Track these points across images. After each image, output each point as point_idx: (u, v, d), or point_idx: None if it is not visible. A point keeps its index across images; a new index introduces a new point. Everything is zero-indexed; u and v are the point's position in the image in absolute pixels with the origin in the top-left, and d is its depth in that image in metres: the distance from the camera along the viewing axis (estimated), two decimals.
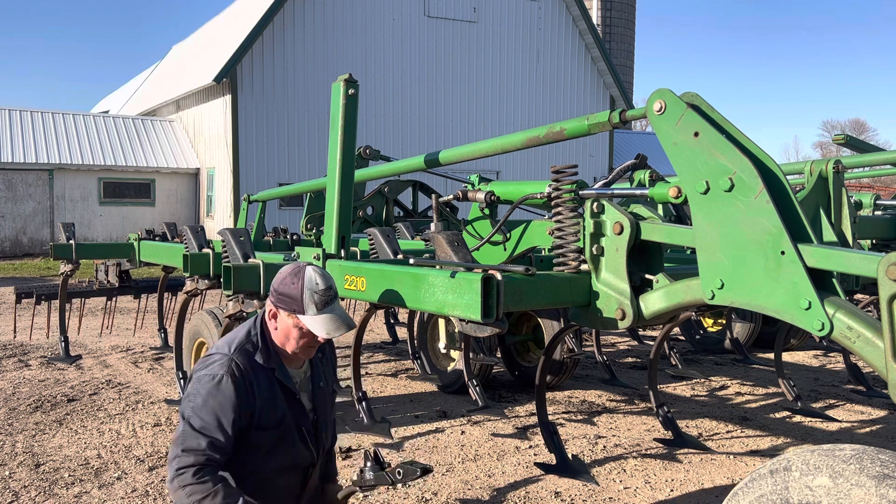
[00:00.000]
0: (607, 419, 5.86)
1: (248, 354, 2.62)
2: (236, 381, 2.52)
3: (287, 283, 2.61)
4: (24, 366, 7.59)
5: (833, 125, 70.28)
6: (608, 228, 3.10)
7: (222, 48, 23.06)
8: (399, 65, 23.46)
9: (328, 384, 2.87)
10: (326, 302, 2.59)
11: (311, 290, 2.57)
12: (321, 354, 2.86)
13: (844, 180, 3.91)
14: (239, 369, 2.55)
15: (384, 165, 5.31)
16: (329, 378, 2.89)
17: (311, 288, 2.57)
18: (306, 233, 6.77)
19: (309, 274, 2.61)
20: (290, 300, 2.58)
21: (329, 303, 2.60)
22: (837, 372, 7.56)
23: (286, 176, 21.71)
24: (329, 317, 2.59)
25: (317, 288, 2.58)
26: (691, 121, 2.66)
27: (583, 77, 26.30)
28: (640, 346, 8.90)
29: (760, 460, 4.93)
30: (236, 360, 2.56)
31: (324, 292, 2.58)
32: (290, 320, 2.60)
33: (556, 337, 4.51)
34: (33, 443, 5.17)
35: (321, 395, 2.81)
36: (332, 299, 2.61)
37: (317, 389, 2.80)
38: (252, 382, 2.57)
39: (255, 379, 2.59)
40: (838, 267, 2.36)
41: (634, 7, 38.06)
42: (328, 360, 2.93)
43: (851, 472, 1.79)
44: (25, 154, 21.87)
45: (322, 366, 2.85)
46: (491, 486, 4.45)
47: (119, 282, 7.35)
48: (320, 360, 2.86)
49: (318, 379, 2.81)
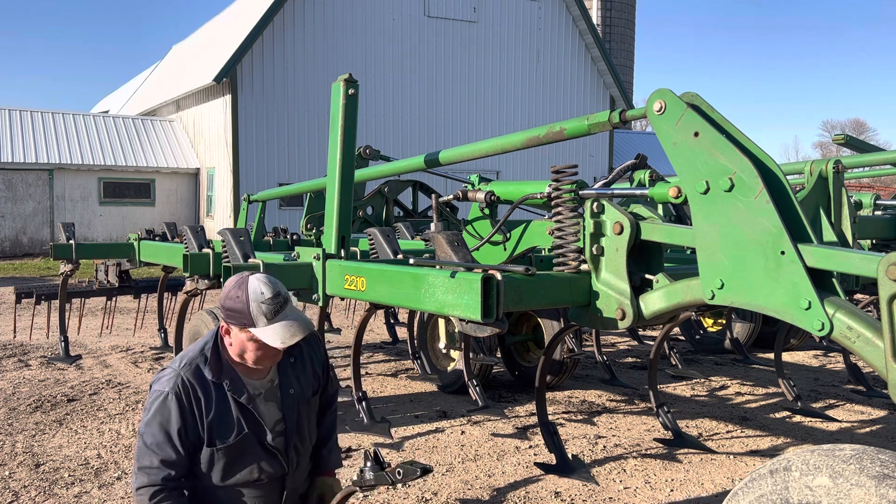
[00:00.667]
0: (607, 419, 5.85)
1: (198, 369, 2.57)
2: (180, 398, 2.51)
3: (232, 298, 2.51)
4: (24, 366, 7.59)
5: (833, 125, 70.31)
6: (608, 228, 3.10)
7: (222, 48, 23.06)
8: (399, 65, 23.46)
9: (303, 388, 2.73)
10: (276, 310, 2.47)
11: (258, 301, 2.47)
12: (293, 359, 2.74)
13: (844, 180, 3.91)
14: (184, 386, 2.52)
15: (384, 165, 5.31)
16: (305, 382, 2.76)
17: (257, 299, 2.47)
18: (306, 233, 6.77)
19: (252, 285, 2.50)
20: (238, 315, 2.49)
21: (279, 310, 2.48)
22: (837, 372, 7.56)
23: (286, 176, 21.71)
24: (282, 325, 2.47)
25: (263, 298, 2.47)
26: (691, 121, 2.66)
27: (583, 77, 26.30)
28: (640, 346, 8.90)
29: (760, 460, 4.93)
30: (183, 377, 2.54)
31: (271, 301, 2.47)
32: (244, 335, 2.51)
33: (556, 337, 4.51)
34: (33, 443, 5.17)
35: (291, 402, 2.69)
36: (281, 306, 2.49)
37: (286, 398, 2.68)
38: (199, 398, 2.54)
39: (204, 394, 2.55)
40: (838, 267, 2.36)
41: (634, 7, 38.07)
42: (306, 362, 2.79)
43: (851, 472, 1.79)
44: (25, 154, 21.88)
45: (295, 370, 2.73)
46: (491, 486, 4.45)
47: (119, 282, 7.35)
48: (292, 364, 2.74)
49: (287, 387, 2.69)
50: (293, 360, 2.74)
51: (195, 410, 2.53)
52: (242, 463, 2.63)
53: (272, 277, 2.56)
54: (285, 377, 2.69)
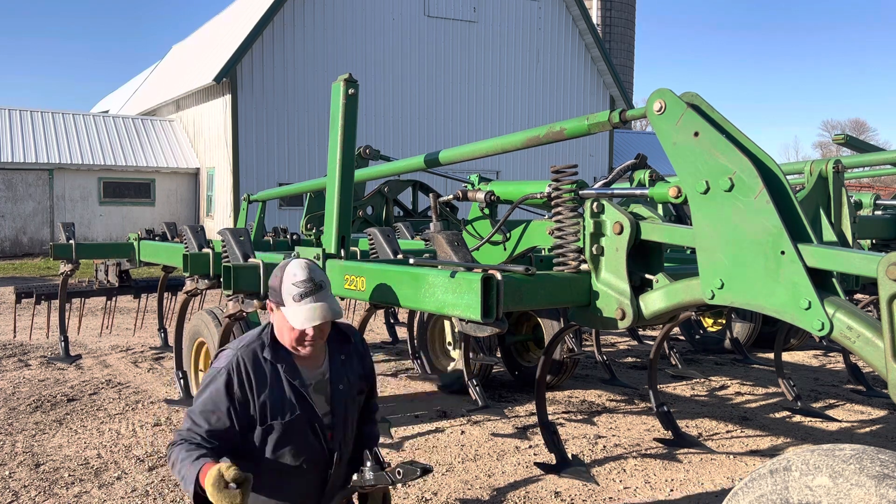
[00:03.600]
0: (607, 419, 5.85)
1: (255, 351, 2.68)
2: (230, 376, 2.61)
3: (273, 277, 2.67)
4: (24, 366, 7.59)
5: (833, 125, 70.29)
6: (608, 228, 3.10)
7: (222, 48, 23.06)
8: (399, 65, 23.46)
9: (351, 386, 2.83)
10: (305, 293, 2.57)
11: (290, 281, 2.59)
12: (343, 357, 2.83)
13: (844, 180, 3.91)
14: (239, 366, 2.63)
15: (384, 165, 5.31)
16: (353, 381, 2.85)
17: (290, 280, 2.59)
18: (306, 233, 6.77)
19: (291, 266, 2.64)
20: (274, 292, 2.64)
21: (308, 294, 2.57)
22: (837, 372, 7.56)
23: (286, 176, 21.70)
24: (306, 307, 2.56)
25: (295, 279, 2.59)
26: (691, 121, 2.66)
27: (583, 77, 26.30)
28: (640, 346, 8.90)
29: (760, 460, 4.93)
30: (240, 356, 2.65)
31: (302, 283, 2.58)
32: (278, 313, 2.64)
33: (556, 337, 4.51)
34: (33, 443, 5.17)
35: (339, 396, 2.78)
36: (311, 291, 2.58)
37: (335, 392, 2.77)
38: (252, 378, 2.63)
39: (259, 375, 2.65)
40: (838, 267, 2.36)
41: (634, 7, 38.06)
42: (354, 365, 2.88)
43: (851, 471, 1.79)
44: (25, 154, 21.87)
45: (345, 368, 2.82)
46: (491, 485, 4.45)
47: (119, 282, 7.35)
48: (343, 361, 2.83)
49: (337, 382, 2.78)
50: (343, 357, 2.83)
51: (248, 389, 2.63)
52: (293, 445, 2.71)
53: (314, 264, 2.67)
54: (336, 373, 2.79)
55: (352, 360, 2.87)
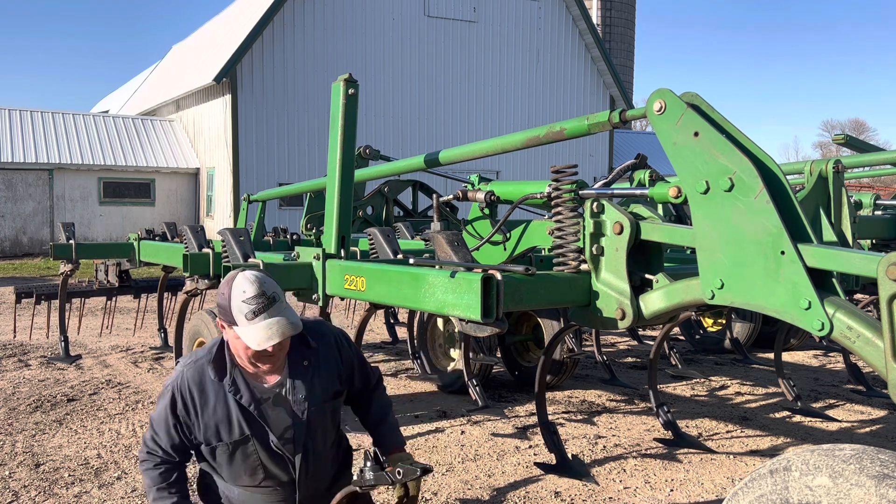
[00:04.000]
0: (607, 419, 5.85)
1: (202, 369, 2.58)
2: (174, 397, 2.58)
3: (219, 293, 2.46)
4: (24, 366, 7.59)
5: (833, 125, 70.32)
6: (608, 228, 3.10)
7: (222, 48, 23.06)
8: (399, 65, 23.46)
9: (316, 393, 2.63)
10: (258, 310, 2.38)
11: (239, 298, 2.40)
12: (306, 362, 2.63)
13: (844, 180, 3.91)
14: (182, 385, 2.57)
15: (384, 165, 5.31)
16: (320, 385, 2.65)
17: (239, 297, 2.40)
18: (306, 233, 6.77)
19: (237, 281, 2.43)
20: (223, 311, 2.45)
21: (261, 310, 2.38)
22: (837, 372, 7.56)
23: (286, 176, 21.70)
24: (262, 325, 2.37)
25: (244, 296, 2.40)
26: (691, 121, 2.66)
27: (583, 77, 26.30)
28: (640, 346, 8.90)
29: (760, 460, 4.93)
30: (185, 374, 2.59)
31: (252, 299, 2.39)
32: (231, 332, 2.47)
33: (556, 337, 4.51)
34: (33, 443, 5.17)
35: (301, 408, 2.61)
36: (265, 306, 2.39)
37: (296, 404, 2.60)
38: (196, 398, 2.56)
39: (203, 394, 2.56)
40: (838, 267, 2.36)
41: (634, 7, 38.07)
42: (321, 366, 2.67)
43: (851, 471, 1.79)
44: (25, 154, 21.88)
45: (308, 373, 2.63)
46: (491, 485, 4.45)
47: (119, 282, 7.35)
48: (305, 367, 2.63)
49: (297, 392, 2.60)
50: (306, 363, 2.65)
51: (190, 409, 2.57)
52: (246, 464, 2.63)
53: (262, 275, 2.48)
54: (296, 382, 2.62)
55: (319, 364, 2.67)
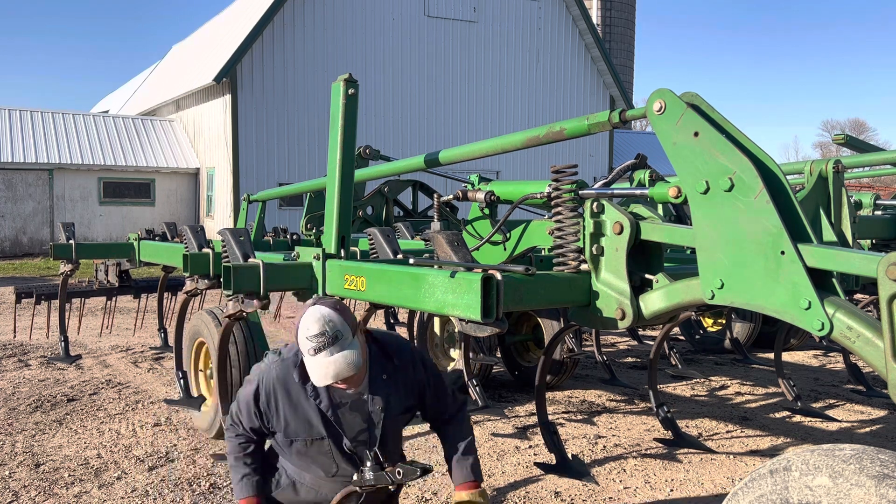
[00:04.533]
0: (607, 419, 5.85)
1: (288, 369, 2.77)
2: (259, 388, 2.78)
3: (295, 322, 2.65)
4: (24, 366, 7.59)
5: (833, 125, 70.33)
6: (608, 228, 3.10)
7: (222, 48, 23.06)
8: (399, 65, 23.46)
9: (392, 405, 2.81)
10: (319, 347, 2.53)
11: (304, 334, 2.56)
12: (386, 376, 2.81)
13: (844, 180, 3.91)
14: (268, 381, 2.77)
15: (384, 165, 5.31)
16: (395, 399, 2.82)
17: (304, 332, 2.56)
18: (306, 233, 6.77)
19: (305, 318, 2.58)
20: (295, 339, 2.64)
21: (322, 348, 2.53)
22: (837, 372, 7.56)
23: (286, 176, 21.70)
24: (321, 363, 2.53)
25: (308, 332, 2.55)
26: (691, 121, 2.66)
27: (583, 77, 26.29)
28: (640, 346, 8.89)
29: (760, 460, 4.93)
30: (273, 370, 2.79)
31: (314, 337, 2.53)
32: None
33: (556, 337, 4.51)
34: (33, 443, 5.17)
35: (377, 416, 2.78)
36: (325, 344, 2.53)
37: (373, 412, 2.78)
38: (279, 395, 2.76)
39: (286, 392, 2.75)
40: (838, 267, 2.36)
41: (634, 7, 38.06)
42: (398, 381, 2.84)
43: (851, 471, 1.79)
44: (25, 154, 21.87)
45: (387, 386, 2.80)
46: (491, 486, 4.45)
47: (119, 282, 7.34)
48: (384, 380, 2.81)
49: (374, 401, 2.77)
50: (386, 377, 2.81)
51: (272, 403, 2.77)
52: (320, 459, 2.81)
53: (329, 313, 2.58)
54: (375, 391, 2.79)
55: (396, 377, 2.84)
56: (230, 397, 4.89)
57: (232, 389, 4.93)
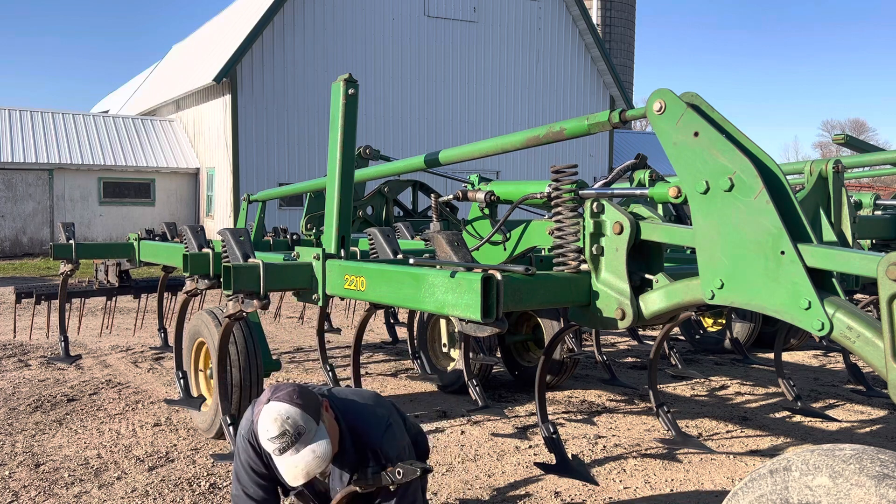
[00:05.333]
0: (607, 419, 5.85)
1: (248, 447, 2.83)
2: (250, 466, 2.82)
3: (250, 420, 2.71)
4: (24, 366, 7.59)
5: (833, 125, 70.35)
6: (608, 228, 3.10)
7: (222, 48, 23.06)
8: (399, 65, 23.46)
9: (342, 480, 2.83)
10: (283, 448, 2.50)
11: (264, 436, 2.55)
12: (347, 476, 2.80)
13: (844, 180, 3.91)
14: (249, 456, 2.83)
15: (384, 165, 5.31)
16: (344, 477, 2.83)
17: (264, 434, 2.55)
18: (306, 233, 6.77)
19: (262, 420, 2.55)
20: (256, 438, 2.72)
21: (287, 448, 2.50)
22: (837, 372, 7.56)
23: (286, 176, 21.70)
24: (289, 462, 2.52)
25: (268, 434, 2.52)
26: (691, 121, 2.66)
27: (583, 77, 26.29)
28: (640, 345, 8.89)
29: (760, 460, 4.93)
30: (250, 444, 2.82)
31: (276, 439, 2.51)
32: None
33: (556, 337, 4.51)
34: (33, 443, 5.17)
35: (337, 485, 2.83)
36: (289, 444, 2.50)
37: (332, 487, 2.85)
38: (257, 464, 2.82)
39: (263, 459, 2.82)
40: (838, 267, 2.36)
41: (634, 7, 38.06)
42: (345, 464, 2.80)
43: (851, 471, 1.79)
44: (25, 154, 21.87)
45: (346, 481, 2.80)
46: (491, 486, 4.45)
47: (119, 282, 7.34)
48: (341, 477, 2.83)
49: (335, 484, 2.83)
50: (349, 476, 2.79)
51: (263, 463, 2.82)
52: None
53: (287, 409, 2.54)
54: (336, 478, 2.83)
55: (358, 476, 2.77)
56: (230, 397, 4.89)
57: (232, 389, 4.93)
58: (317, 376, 7.24)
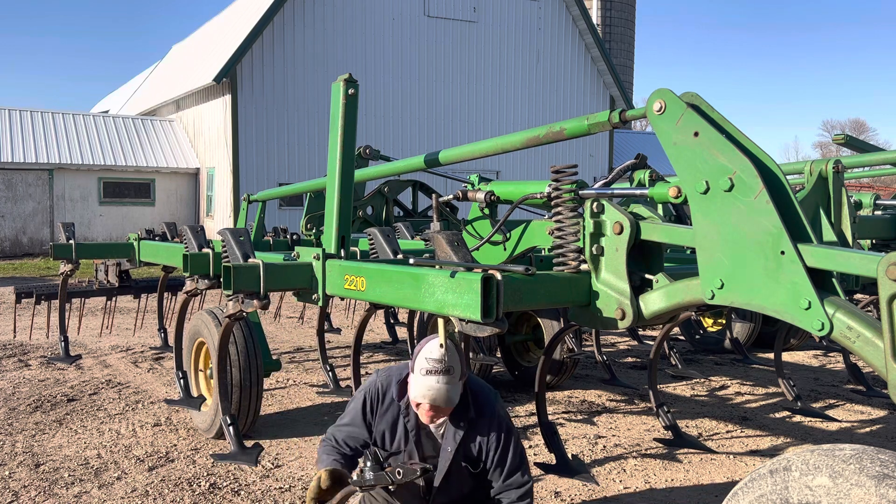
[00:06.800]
0: (607, 419, 5.85)
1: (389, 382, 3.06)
2: (365, 400, 3.06)
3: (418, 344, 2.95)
4: (24, 366, 7.59)
5: (833, 125, 70.37)
6: (608, 228, 3.09)
7: (222, 48, 23.06)
8: (399, 65, 23.46)
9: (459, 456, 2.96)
10: (429, 370, 2.81)
11: (425, 354, 2.84)
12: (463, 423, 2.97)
13: (844, 180, 3.91)
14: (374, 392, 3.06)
15: (384, 165, 5.31)
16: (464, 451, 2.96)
17: (426, 353, 2.85)
18: (306, 233, 6.77)
19: (433, 341, 2.88)
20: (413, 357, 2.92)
21: (432, 372, 2.80)
22: (837, 372, 7.56)
23: (286, 176, 21.70)
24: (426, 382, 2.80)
25: (430, 355, 2.83)
26: (691, 121, 2.66)
27: (583, 77, 26.29)
28: (640, 346, 8.89)
29: (760, 460, 4.93)
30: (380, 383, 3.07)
31: (434, 361, 2.82)
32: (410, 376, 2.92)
33: (556, 337, 4.51)
34: (33, 443, 5.17)
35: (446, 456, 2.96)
36: (437, 371, 2.80)
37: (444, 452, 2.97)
38: (378, 407, 3.04)
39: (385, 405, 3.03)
40: (838, 267, 2.36)
41: (634, 7, 38.07)
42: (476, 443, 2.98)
43: (851, 471, 1.79)
44: (25, 154, 21.87)
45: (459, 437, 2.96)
46: None
47: (119, 282, 7.34)
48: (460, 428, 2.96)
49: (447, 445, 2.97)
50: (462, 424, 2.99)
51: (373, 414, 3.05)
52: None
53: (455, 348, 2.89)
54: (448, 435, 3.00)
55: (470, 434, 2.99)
56: (230, 397, 4.89)
57: (232, 389, 4.93)
58: (317, 376, 7.24)
